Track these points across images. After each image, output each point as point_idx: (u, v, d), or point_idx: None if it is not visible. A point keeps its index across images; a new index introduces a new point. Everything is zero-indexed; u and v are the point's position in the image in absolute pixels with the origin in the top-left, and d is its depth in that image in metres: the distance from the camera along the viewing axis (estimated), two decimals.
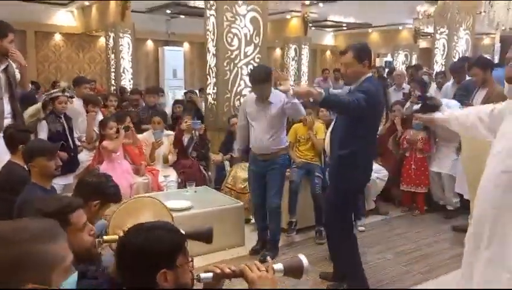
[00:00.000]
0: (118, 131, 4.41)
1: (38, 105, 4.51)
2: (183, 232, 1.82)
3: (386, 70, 10.92)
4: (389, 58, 16.61)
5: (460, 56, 7.99)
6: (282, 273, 1.42)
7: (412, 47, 15.04)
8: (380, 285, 3.22)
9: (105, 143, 4.36)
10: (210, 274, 1.41)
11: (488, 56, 13.32)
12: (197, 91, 8.11)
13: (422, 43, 16.10)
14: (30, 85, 4.72)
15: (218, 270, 1.40)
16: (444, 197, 4.89)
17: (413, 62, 13.57)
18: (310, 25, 13.39)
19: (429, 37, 13.69)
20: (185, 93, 7.43)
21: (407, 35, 15.35)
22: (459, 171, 4.28)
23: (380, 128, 5.55)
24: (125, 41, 9.78)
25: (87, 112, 4.81)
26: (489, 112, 2.14)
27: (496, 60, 12.85)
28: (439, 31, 8.64)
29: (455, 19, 8.32)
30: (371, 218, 4.68)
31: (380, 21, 14.56)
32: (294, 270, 1.43)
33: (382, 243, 4.06)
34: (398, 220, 4.76)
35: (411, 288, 3.21)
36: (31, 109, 4.47)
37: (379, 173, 4.85)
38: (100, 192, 2.21)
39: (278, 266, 1.43)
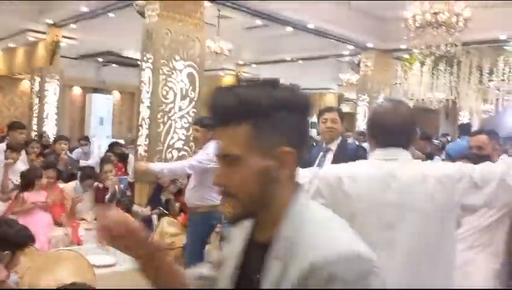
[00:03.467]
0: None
1: None
2: None
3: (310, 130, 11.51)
4: (314, 119, 17.56)
5: None
6: None
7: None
8: None
9: (26, 195, 4.07)
10: None
11: None
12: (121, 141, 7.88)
13: (345, 108, 17.32)
14: None
15: None
16: None
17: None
18: (243, 83, 13.87)
19: (352, 102, 14.78)
20: (110, 145, 7.15)
21: (332, 99, 16.45)
22: None
23: None
24: (52, 87, 9.39)
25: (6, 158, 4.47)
26: None
27: None
28: (360, 98, 9.41)
29: (374, 89, 9.14)
30: None
31: (307, 84, 15.53)
32: None
33: None
34: None
35: None
36: None
37: None
38: (7, 241, 2.01)
39: None
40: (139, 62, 5.67)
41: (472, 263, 2.51)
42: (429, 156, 4.75)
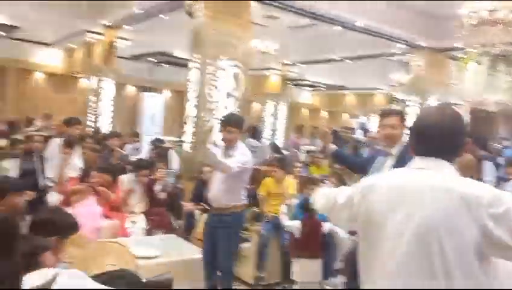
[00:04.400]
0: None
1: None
2: (144, 280, 1.81)
3: (358, 131, 11.29)
4: (362, 119, 17.21)
5: None
6: None
7: None
8: None
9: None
10: None
11: None
12: (162, 138, 7.97)
13: (396, 107, 16.86)
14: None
15: None
16: None
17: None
18: (289, 83, 13.86)
19: (402, 103, 14.34)
20: (152, 141, 7.31)
21: (381, 99, 16.05)
22: None
23: None
24: (108, 85, 9.88)
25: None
26: None
27: None
28: (411, 99, 9.11)
29: (426, 89, 8.81)
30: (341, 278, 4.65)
31: (355, 84, 15.26)
32: None
33: None
34: None
35: None
36: None
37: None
38: (54, 228, 2.10)
39: None
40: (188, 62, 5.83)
41: None
42: (480, 161, 4.53)
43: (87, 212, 4.34)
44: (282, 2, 6.66)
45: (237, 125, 3.37)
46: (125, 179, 4.90)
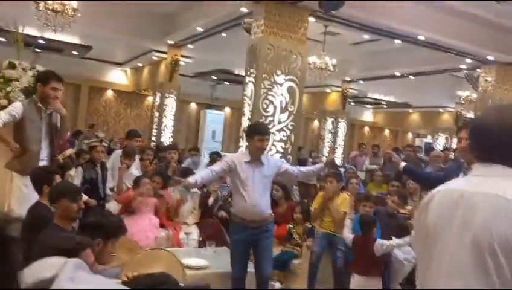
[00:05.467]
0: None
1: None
2: (182, 284, 1.82)
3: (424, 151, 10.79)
4: (429, 139, 16.45)
5: None
6: None
7: (453, 130, 14.86)
8: None
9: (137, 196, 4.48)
10: None
11: None
12: (220, 152, 8.23)
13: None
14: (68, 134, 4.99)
15: None
16: None
17: (454, 145, 13.33)
18: (350, 100, 13.63)
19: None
20: (210, 154, 7.52)
21: (448, 118, 15.27)
22: None
23: (410, 207, 5.41)
24: (170, 101, 10.31)
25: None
26: None
27: None
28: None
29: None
30: None
31: (420, 102, 14.65)
32: None
33: None
34: None
35: None
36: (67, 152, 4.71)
37: (407, 254, 4.63)
38: (100, 230, 2.18)
39: None
40: None
41: None
42: None
43: (145, 221, 4.50)
44: (341, 17, 6.60)
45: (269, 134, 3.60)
46: (175, 191, 5.03)
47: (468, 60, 8.40)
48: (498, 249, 1.17)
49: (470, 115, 12.41)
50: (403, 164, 3.22)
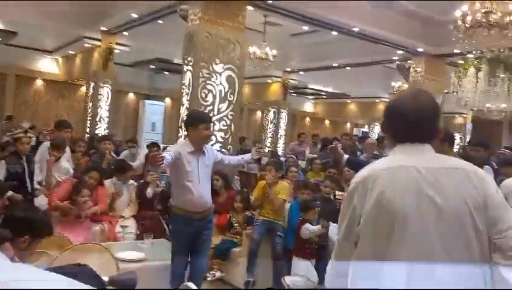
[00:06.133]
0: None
1: None
2: (107, 278, 1.72)
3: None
4: (366, 129, 17.12)
5: None
6: None
7: None
8: None
9: None
10: None
11: (460, 134, 13.92)
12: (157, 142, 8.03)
13: None
14: None
15: None
16: None
17: None
18: (290, 91, 13.83)
19: None
20: (147, 145, 7.28)
21: (383, 107, 15.90)
22: None
23: (345, 193, 5.59)
24: (105, 91, 9.87)
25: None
26: None
27: (468, 139, 13.38)
28: None
29: None
30: None
31: (357, 93, 15.19)
32: None
33: None
34: None
35: None
36: None
37: None
38: (28, 227, 2.03)
39: None
40: None
41: None
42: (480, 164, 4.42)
43: (79, 227, 4.26)
44: (280, 7, 6.63)
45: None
46: (109, 183, 4.82)
47: (400, 52, 8.79)
48: (474, 213, 1.30)
49: None
50: (346, 156, 3.28)
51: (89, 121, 10.05)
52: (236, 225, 4.55)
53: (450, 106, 10.19)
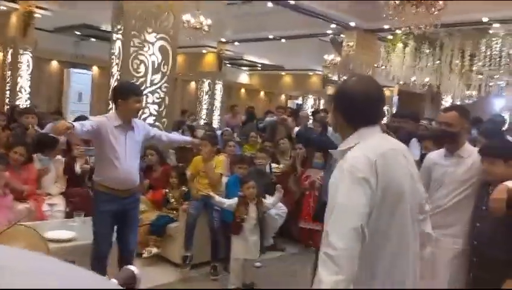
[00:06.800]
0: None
1: None
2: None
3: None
4: (299, 101, 17.45)
5: None
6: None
7: (321, 92, 15.99)
8: None
9: None
10: None
11: (387, 107, 14.65)
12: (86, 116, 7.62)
13: (330, 90, 17.23)
14: None
15: None
16: None
17: (321, 107, 14.35)
18: (226, 62, 13.65)
19: (336, 84, 14.66)
20: (76, 119, 6.89)
21: (317, 80, 16.31)
22: None
23: (281, 166, 5.71)
24: (25, 59, 9.11)
25: None
26: None
27: (394, 111, 14.13)
28: (342, 79, 9.28)
29: (357, 70, 9.01)
30: (268, 254, 4.66)
31: (292, 65, 15.35)
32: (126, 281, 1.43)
33: (278, 279, 4.04)
34: (295, 256, 4.81)
35: None
36: None
37: (278, 209, 4.89)
38: None
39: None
40: None
41: (436, 243, 2.46)
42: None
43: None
44: None
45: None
46: (35, 159, 4.52)
47: (333, 26, 8.95)
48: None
49: (335, 77, 13.42)
50: (296, 128, 3.31)
51: (8, 92, 9.25)
52: (173, 200, 4.48)
53: (379, 80, 10.58)
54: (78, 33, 11.63)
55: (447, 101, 13.86)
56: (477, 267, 2.53)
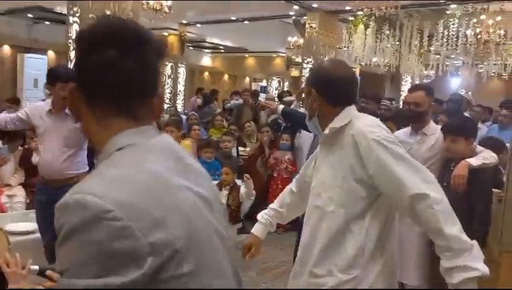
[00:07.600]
0: None
1: None
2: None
3: (262, 95, 11.40)
4: (264, 83, 17.43)
5: None
6: (36, 273, 1.58)
7: (285, 74, 16.01)
8: None
9: None
10: None
11: None
12: None
13: (294, 72, 17.28)
14: None
15: None
16: None
17: (286, 89, 14.40)
18: (188, 44, 13.39)
19: (300, 66, 14.72)
20: None
21: (280, 62, 16.32)
22: None
23: (248, 149, 5.71)
24: None
25: None
26: None
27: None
28: (306, 61, 9.33)
29: (320, 51, 9.06)
30: (237, 237, 4.68)
31: (255, 47, 15.26)
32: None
33: (247, 263, 4.06)
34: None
35: None
36: None
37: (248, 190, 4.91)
38: None
39: (34, 267, 1.59)
40: None
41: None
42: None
43: None
44: None
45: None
46: None
47: (296, 7, 8.92)
48: None
49: (299, 59, 13.47)
50: (280, 107, 3.29)
51: None
52: None
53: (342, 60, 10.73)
54: (31, 16, 11.05)
55: (406, 82, 14.22)
56: None
